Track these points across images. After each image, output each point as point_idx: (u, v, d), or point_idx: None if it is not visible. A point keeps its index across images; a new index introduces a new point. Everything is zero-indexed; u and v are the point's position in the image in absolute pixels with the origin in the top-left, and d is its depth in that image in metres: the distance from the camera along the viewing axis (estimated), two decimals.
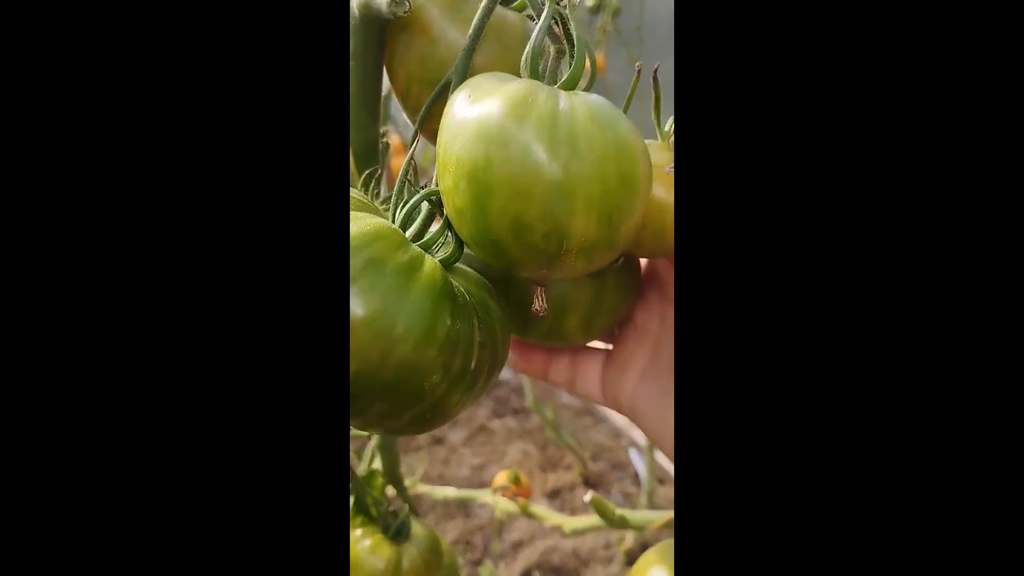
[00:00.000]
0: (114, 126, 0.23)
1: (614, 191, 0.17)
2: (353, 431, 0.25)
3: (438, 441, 1.34)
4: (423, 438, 1.31)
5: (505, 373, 1.63)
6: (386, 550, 0.36)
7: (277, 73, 0.23)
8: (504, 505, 0.73)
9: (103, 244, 0.22)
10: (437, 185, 0.19)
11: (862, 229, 0.19)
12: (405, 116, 0.28)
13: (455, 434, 1.37)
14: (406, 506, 0.39)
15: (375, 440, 0.42)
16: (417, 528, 0.39)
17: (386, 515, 0.39)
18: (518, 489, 0.77)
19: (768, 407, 0.20)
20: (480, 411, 1.39)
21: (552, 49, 0.20)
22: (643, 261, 0.29)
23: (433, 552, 0.39)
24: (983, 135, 0.19)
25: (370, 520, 0.40)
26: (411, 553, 0.37)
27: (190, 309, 0.23)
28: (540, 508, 0.72)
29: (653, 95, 0.23)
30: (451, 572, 0.41)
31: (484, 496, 0.77)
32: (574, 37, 0.19)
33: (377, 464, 0.44)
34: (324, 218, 0.23)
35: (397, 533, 0.38)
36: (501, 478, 0.83)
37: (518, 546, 1.01)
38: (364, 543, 0.37)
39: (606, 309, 0.26)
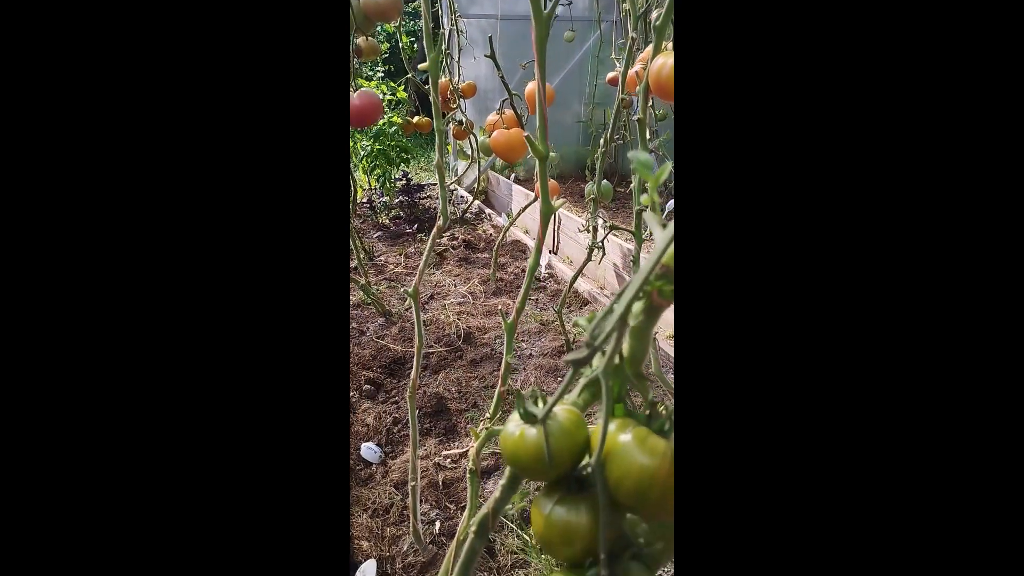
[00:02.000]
0: (129, 122, 0.23)
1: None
2: None
3: None
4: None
5: None
6: (659, 443, 0.30)
7: (278, 72, 0.24)
8: None
9: (131, 236, 0.22)
10: None
11: (860, 240, 0.19)
12: None
13: None
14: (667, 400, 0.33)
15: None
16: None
17: (650, 405, 0.32)
18: None
19: (767, 411, 0.20)
20: None
21: None
22: None
23: None
24: (976, 137, 0.19)
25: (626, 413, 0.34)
26: None
27: (212, 289, 0.23)
28: None
29: None
30: None
31: None
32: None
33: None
34: (324, 209, 0.25)
35: (662, 429, 0.32)
36: None
37: None
38: (626, 437, 0.31)
39: None
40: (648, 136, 1.32)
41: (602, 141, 1.38)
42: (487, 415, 0.87)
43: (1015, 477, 0.18)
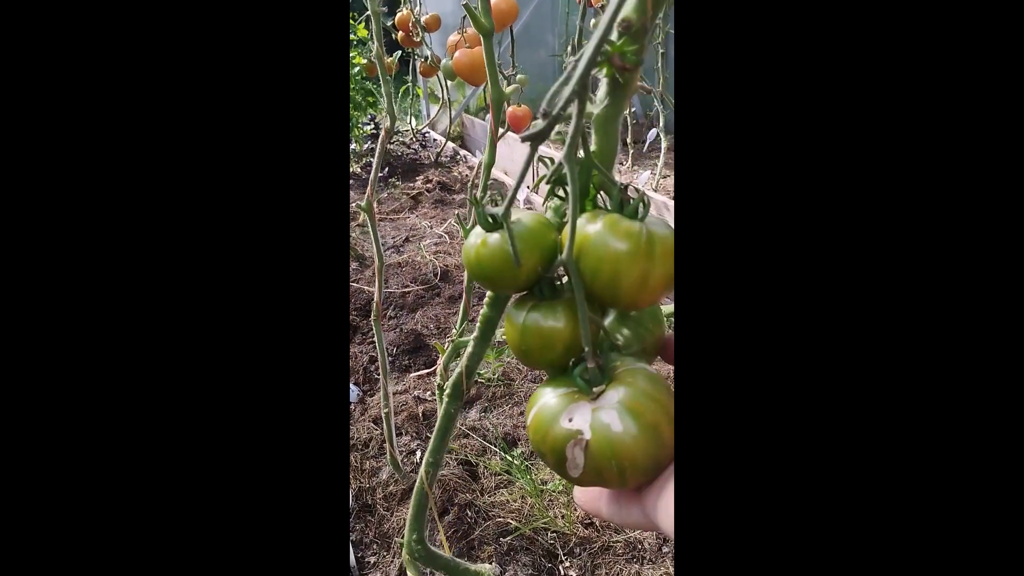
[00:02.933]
0: (136, 118, 0.23)
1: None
2: None
3: None
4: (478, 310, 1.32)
5: None
6: (632, 226, 0.28)
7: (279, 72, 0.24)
8: None
9: (141, 231, 0.23)
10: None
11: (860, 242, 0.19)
12: None
13: None
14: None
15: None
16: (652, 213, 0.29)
17: (619, 191, 0.29)
18: None
19: (765, 418, 0.19)
20: None
21: None
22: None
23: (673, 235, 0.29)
24: (973, 137, 0.18)
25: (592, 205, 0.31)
26: (661, 232, 0.28)
27: (219, 278, 0.24)
28: None
29: None
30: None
31: None
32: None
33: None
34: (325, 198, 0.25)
35: (636, 211, 0.29)
36: None
37: None
38: (596, 226, 0.28)
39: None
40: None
41: (569, 49, 1.29)
42: (454, 330, 0.82)
43: (1015, 477, 0.17)
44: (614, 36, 0.28)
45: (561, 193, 0.32)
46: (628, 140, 2.30)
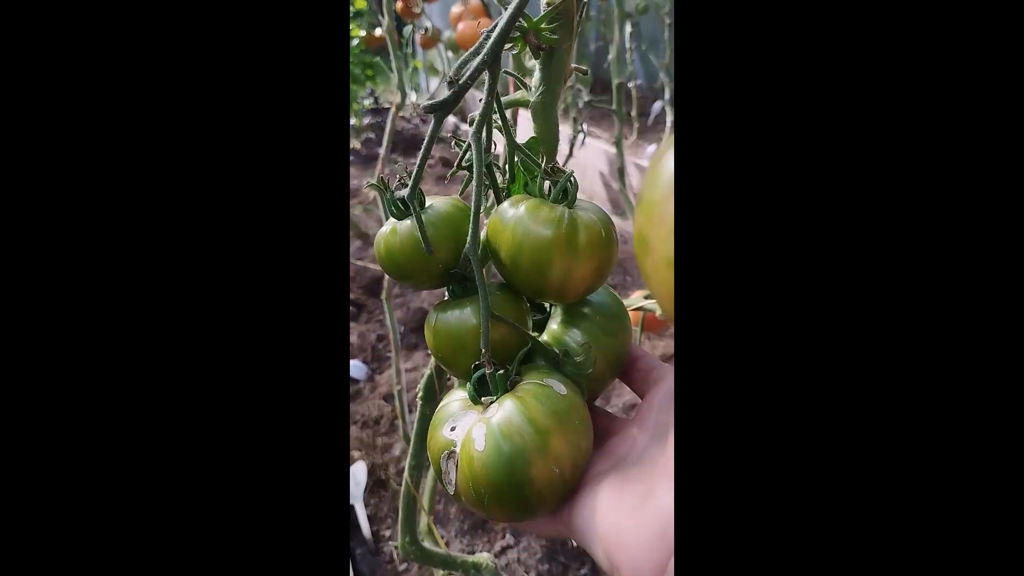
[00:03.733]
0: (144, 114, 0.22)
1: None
2: None
3: None
4: None
5: None
6: (554, 211, 0.26)
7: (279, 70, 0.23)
8: None
9: (135, 226, 0.22)
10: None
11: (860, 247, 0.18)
12: None
13: None
14: (569, 169, 0.28)
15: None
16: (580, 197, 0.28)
17: (545, 174, 0.27)
18: None
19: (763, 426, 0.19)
20: None
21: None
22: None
23: (608, 221, 0.27)
24: (976, 137, 0.17)
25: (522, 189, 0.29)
26: (586, 216, 0.26)
27: (220, 276, 0.23)
28: None
29: None
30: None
31: None
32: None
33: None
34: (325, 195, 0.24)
35: (563, 195, 0.27)
36: None
37: None
38: (517, 210, 0.26)
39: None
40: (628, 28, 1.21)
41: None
42: None
43: (1015, 477, 0.17)
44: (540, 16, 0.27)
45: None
46: (633, 112, 2.27)
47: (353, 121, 2.83)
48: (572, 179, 0.27)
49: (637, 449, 0.25)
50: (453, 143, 0.30)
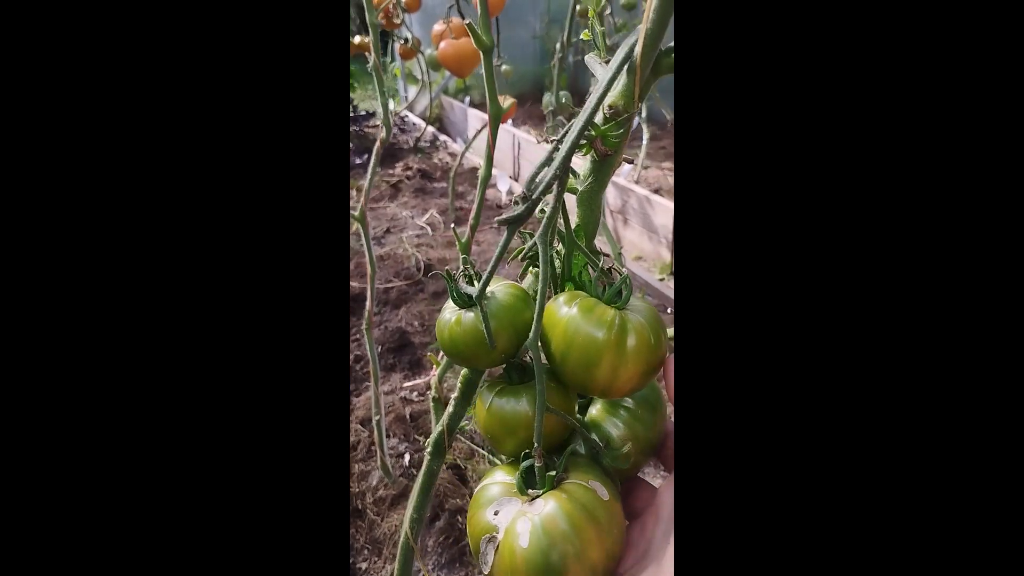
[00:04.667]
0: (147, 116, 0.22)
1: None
2: None
3: None
4: None
5: None
6: (606, 313, 0.27)
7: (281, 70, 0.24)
8: None
9: (138, 222, 0.22)
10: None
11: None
12: None
13: None
14: (624, 269, 0.29)
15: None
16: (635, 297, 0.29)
17: (601, 274, 0.28)
18: None
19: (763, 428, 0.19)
20: None
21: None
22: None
23: (658, 325, 0.28)
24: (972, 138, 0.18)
25: (577, 285, 0.31)
26: (636, 319, 0.27)
27: (223, 273, 0.23)
28: None
29: None
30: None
31: None
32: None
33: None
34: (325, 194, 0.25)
35: (616, 296, 0.28)
36: None
37: None
38: (571, 309, 0.27)
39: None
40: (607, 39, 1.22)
41: (558, 46, 1.27)
42: None
43: (1015, 477, 0.17)
44: (599, 119, 0.28)
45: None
46: None
47: None
48: (628, 282, 0.28)
49: (653, 547, 0.27)
50: (520, 237, 0.31)
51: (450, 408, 0.44)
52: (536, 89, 3.23)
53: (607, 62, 0.30)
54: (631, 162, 2.40)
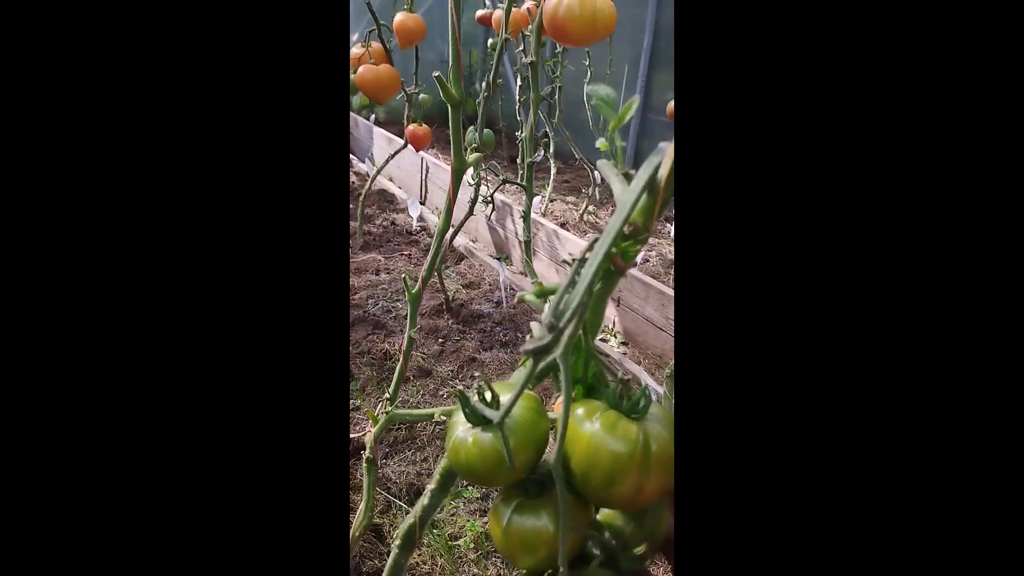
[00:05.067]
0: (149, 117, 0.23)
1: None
2: None
3: (427, 374, 1.35)
4: (412, 371, 1.35)
5: (486, 307, 1.65)
6: (630, 429, 0.27)
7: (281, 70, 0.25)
8: None
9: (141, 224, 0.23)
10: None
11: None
12: None
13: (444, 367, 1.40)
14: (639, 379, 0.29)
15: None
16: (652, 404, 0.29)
17: (620, 384, 0.29)
18: None
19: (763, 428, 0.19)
20: (468, 344, 1.47)
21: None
22: None
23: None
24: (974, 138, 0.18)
25: (590, 393, 0.30)
26: (657, 432, 0.27)
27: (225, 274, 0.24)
28: None
29: None
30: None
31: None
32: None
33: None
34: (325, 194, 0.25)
35: (635, 408, 0.28)
36: None
37: None
38: (593, 425, 0.27)
39: None
40: (540, 83, 1.24)
41: (484, 85, 1.27)
42: (387, 396, 0.77)
43: (1015, 477, 0.17)
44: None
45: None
46: (518, 158, 2.33)
47: None
48: (647, 394, 0.28)
49: None
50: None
51: (425, 500, 0.41)
52: (442, 114, 3.22)
53: (625, 175, 0.30)
54: (538, 195, 2.46)
